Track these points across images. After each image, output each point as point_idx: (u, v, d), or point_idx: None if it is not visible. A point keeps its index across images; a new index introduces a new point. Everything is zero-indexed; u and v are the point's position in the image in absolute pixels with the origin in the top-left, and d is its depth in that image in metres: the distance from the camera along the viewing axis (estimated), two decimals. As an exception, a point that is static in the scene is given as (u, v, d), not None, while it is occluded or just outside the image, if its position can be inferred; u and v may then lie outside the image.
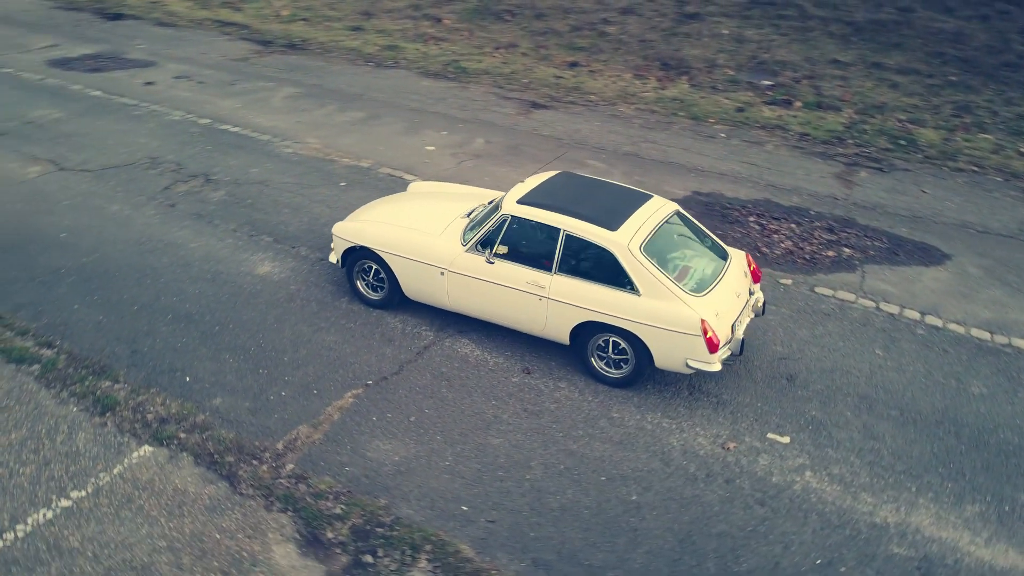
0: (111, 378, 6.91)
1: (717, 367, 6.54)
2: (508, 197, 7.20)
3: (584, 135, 12.09)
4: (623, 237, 6.63)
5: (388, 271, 7.63)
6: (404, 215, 7.88)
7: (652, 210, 7.04)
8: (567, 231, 6.77)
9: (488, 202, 7.74)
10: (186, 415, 6.54)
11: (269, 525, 5.63)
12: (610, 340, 6.83)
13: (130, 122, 12.15)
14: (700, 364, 6.52)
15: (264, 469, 6.06)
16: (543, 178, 7.55)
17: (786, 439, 6.48)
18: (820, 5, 15.94)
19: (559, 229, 6.80)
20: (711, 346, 6.41)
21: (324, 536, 5.56)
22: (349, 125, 12.29)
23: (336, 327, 7.66)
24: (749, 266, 7.36)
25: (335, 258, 7.95)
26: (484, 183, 9.91)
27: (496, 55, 15.42)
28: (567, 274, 6.81)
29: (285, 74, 14.46)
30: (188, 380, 6.93)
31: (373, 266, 7.75)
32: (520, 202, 7.06)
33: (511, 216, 6.99)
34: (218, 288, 8.19)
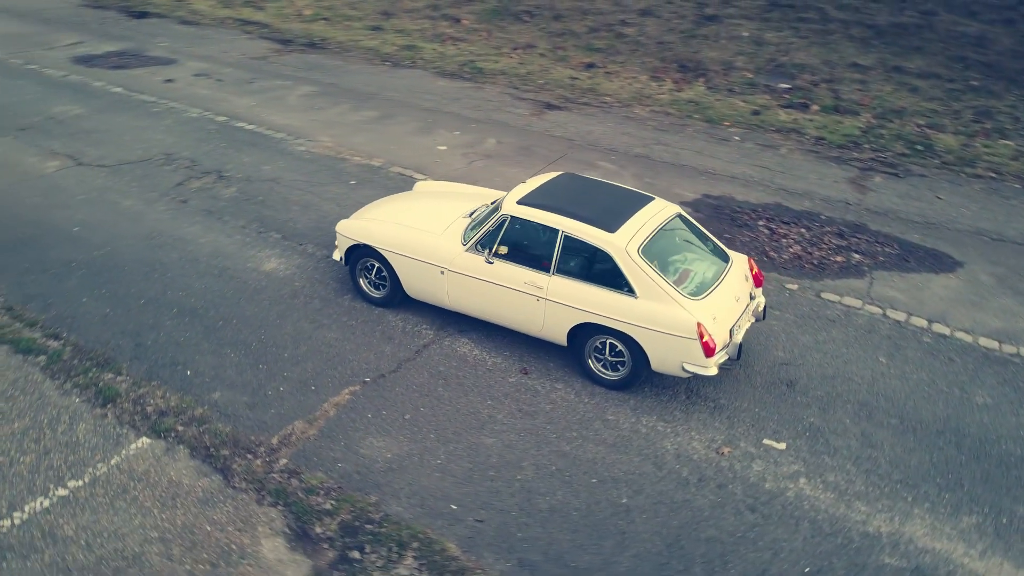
0: (114, 370, 7.02)
1: (713, 371, 6.50)
2: (508, 197, 7.20)
3: (596, 136, 12.07)
4: (621, 239, 6.61)
5: (390, 269, 7.68)
6: (407, 214, 7.92)
7: (652, 212, 7.01)
8: (565, 232, 6.77)
9: (491, 202, 7.75)
10: (185, 408, 6.62)
11: (259, 519, 5.68)
12: (607, 342, 6.81)
13: (148, 119, 12.33)
14: (696, 368, 6.48)
15: (258, 463, 6.12)
16: (545, 179, 7.54)
17: (782, 445, 6.42)
18: (841, 8, 15.77)
19: (558, 230, 6.80)
20: (707, 350, 6.37)
21: (313, 531, 5.60)
22: (362, 124, 12.37)
23: (337, 324, 7.72)
24: (751, 270, 7.30)
25: (339, 256, 8.01)
26: (493, 183, 9.92)
27: (513, 56, 15.44)
28: (565, 275, 6.80)
29: (303, 73, 14.59)
30: (189, 374, 7.02)
31: (375, 264, 7.79)
32: (520, 203, 7.06)
33: (510, 216, 6.99)
34: (224, 283, 8.28)
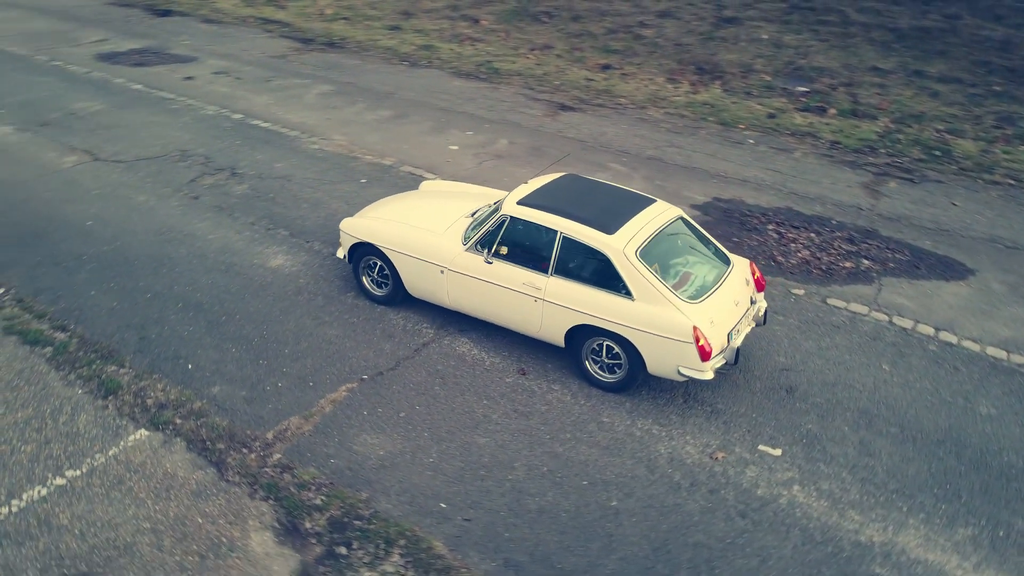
0: (117, 363, 7.12)
1: (709, 376, 6.45)
2: (509, 198, 7.21)
3: (609, 138, 12.03)
4: (619, 241, 6.59)
5: (391, 268, 7.71)
6: (410, 213, 7.95)
7: (653, 215, 6.97)
8: (564, 233, 6.76)
9: (493, 202, 7.76)
10: (184, 402, 6.70)
11: (250, 512, 5.74)
12: (604, 344, 6.79)
13: (166, 115, 12.50)
14: (692, 372, 6.44)
15: (252, 457, 6.18)
16: (547, 180, 7.54)
17: (778, 452, 6.36)
18: (863, 11, 15.58)
19: (556, 231, 6.79)
20: (703, 354, 6.33)
21: (302, 526, 5.65)
22: (377, 123, 12.44)
23: (339, 321, 7.77)
24: (753, 274, 7.24)
25: (342, 253, 8.06)
26: (502, 184, 9.92)
27: (530, 56, 15.44)
28: (563, 276, 6.79)
29: (321, 72, 14.70)
30: (190, 368, 7.11)
31: (378, 262, 7.84)
32: (520, 203, 7.07)
33: (510, 217, 7.00)
34: (230, 279, 8.37)
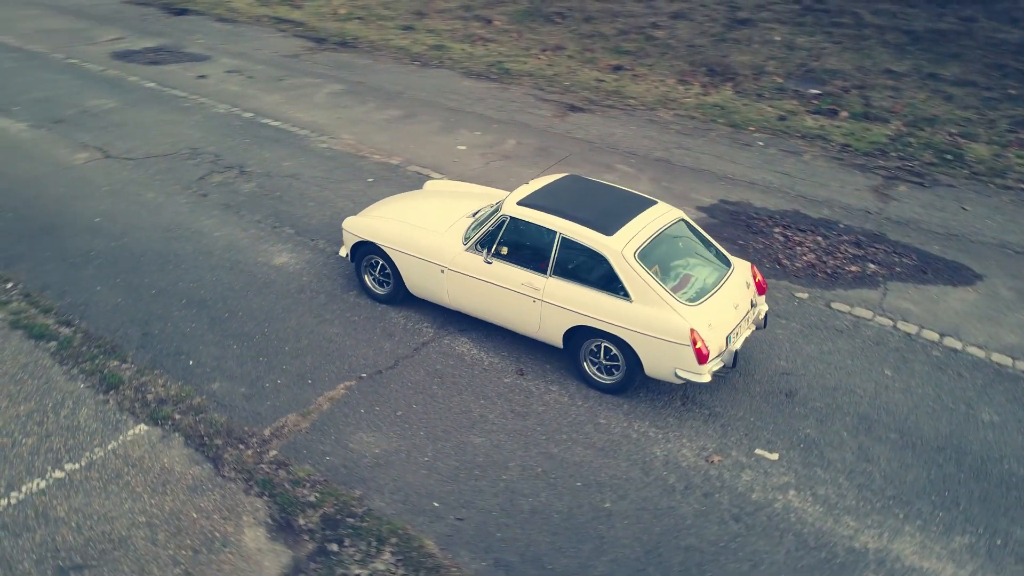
0: (120, 358, 7.19)
1: (706, 378, 6.42)
2: (509, 198, 7.21)
3: (617, 139, 12.01)
4: (618, 242, 6.58)
5: (393, 267, 7.74)
6: (412, 212, 7.97)
7: (653, 217, 6.95)
8: (563, 234, 6.75)
9: (495, 202, 7.77)
10: (184, 397, 6.76)
11: (245, 508, 5.78)
12: (602, 346, 6.78)
13: (178, 113, 12.61)
14: (689, 374, 6.41)
15: (248, 454, 6.22)
16: (548, 180, 7.54)
17: (775, 456, 6.33)
18: (878, 13, 15.45)
19: (555, 232, 6.78)
20: (700, 357, 6.30)
21: (296, 522, 5.68)
22: (385, 122, 12.48)
23: (340, 319, 7.81)
24: (754, 278, 7.20)
25: (345, 252, 8.10)
26: (508, 184, 9.92)
27: (541, 57, 15.44)
28: (562, 277, 6.78)
29: (332, 71, 14.77)
30: (191, 364, 7.17)
31: (380, 261, 7.86)
32: (520, 203, 7.07)
33: (510, 217, 7.00)
34: (234, 276, 8.43)
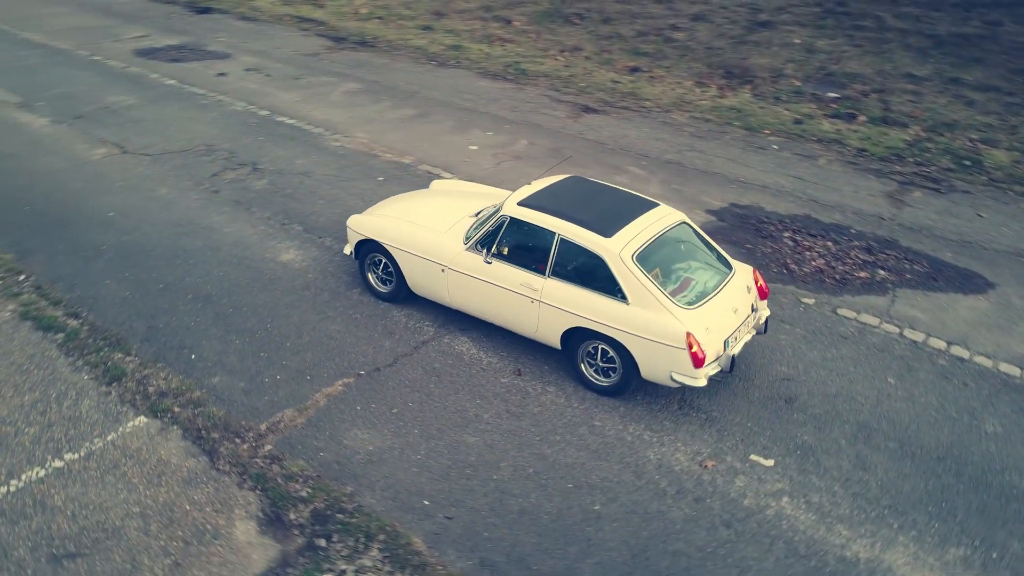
0: (124, 351, 7.30)
1: (702, 383, 6.38)
2: (510, 199, 7.22)
3: (630, 141, 11.96)
4: (616, 244, 6.55)
5: (395, 265, 7.78)
6: (416, 211, 8.01)
7: (653, 219, 6.92)
8: (562, 235, 6.74)
9: (497, 203, 7.77)
10: (184, 391, 6.84)
11: (237, 501, 5.84)
12: (599, 347, 6.76)
13: (195, 110, 12.77)
14: (685, 378, 6.37)
15: (244, 448, 6.28)
16: (550, 181, 7.53)
17: (770, 462, 6.26)
18: (901, 17, 15.24)
19: (554, 233, 6.78)
20: (696, 360, 6.26)
21: (286, 517, 5.73)
22: (399, 122, 12.54)
23: (342, 317, 7.86)
24: (756, 282, 7.14)
25: (349, 250, 8.15)
26: (518, 185, 9.83)
27: (559, 58, 15.42)
28: (560, 278, 6.77)
29: (350, 70, 14.88)
30: (193, 358, 7.25)
31: (383, 260, 7.91)
32: (520, 204, 7.07)
33: (509, 217, 7.01)
34: (241, 272, 8.52)
